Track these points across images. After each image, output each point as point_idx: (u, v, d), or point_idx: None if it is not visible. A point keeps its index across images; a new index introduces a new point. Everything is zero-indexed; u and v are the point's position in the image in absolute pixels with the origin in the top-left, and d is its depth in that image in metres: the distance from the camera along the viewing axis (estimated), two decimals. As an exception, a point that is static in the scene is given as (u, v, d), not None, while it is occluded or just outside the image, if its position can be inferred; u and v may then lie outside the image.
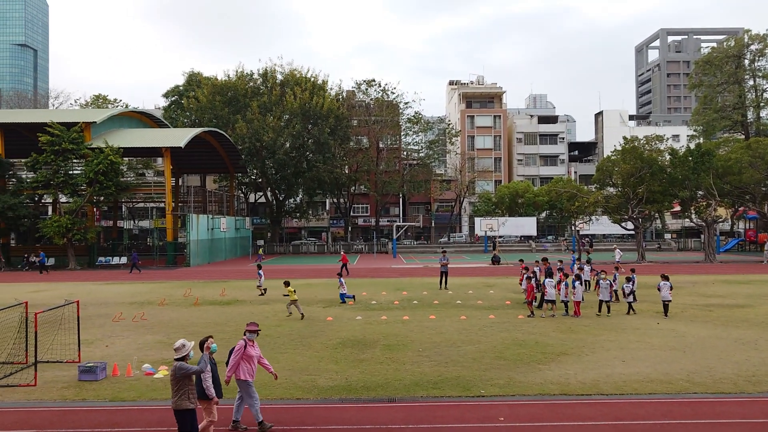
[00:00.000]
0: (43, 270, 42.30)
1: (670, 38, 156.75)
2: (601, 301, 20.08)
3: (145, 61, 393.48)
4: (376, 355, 14.22)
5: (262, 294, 26.32)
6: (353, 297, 23.88)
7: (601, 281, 20.28)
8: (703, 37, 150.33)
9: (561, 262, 28.20)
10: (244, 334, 9.69)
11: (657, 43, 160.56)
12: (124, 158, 50.00)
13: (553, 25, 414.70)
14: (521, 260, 28.08)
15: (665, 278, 19.78)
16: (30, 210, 48.80)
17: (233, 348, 9.54)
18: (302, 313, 19.92)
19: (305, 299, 24.67)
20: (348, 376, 12.33)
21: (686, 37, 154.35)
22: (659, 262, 46.05)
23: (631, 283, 20.60)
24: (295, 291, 20.26)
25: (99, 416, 10.06)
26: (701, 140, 61.29)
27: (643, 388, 11.26)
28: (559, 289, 20.35)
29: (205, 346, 8.58)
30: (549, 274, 21.66)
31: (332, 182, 67.66)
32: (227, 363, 9.46)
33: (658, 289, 19.76)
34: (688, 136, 70.82)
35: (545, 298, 20.13)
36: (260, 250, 57.91)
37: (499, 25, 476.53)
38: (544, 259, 23.86)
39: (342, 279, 24.63)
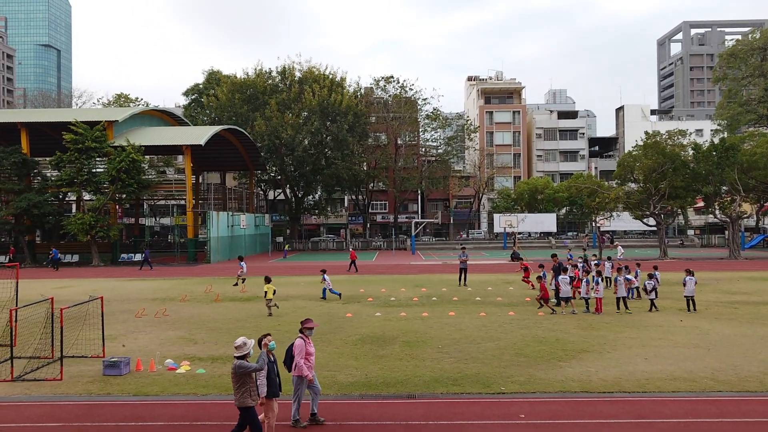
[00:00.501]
0: (57, 267, 42.82)
1: (693, 31, 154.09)
2: (618, 298, 19.87)
3: (165, 61, 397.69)
4: (396, 351, 14.23)
5: (235, 285, 26.62)
6: (339, 294, 23.89)
7: (618, 278, 20.05)
8: (727, 30, 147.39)
9: (569, 259, 27.80)
10: (302, 332, 9.58)
11: (679, 36, 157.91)
12: (146, 156, 50.62)
13: (573, 19, 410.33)
14: (521, 259, 27.76)
15: (690, 273, 19.58)
16: (54, 208, 49.65)
17: (290, 346, 9.46)
18: (270, 311, 19.98)
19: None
20: (368, 372, 12.37)
21: (710, 29, 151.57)
22: (682, 259, 45.40)
23: (653, 279, 20.35)
24: (275, 291, 20.28)
25: (123, 410, 10.22)
26: (725, 135, 60.13)
27: (666, 386, 11.12)
28: (578, 286, 20.17)
29: (263, 343, 8.64)
30: (558, 270, 21.32)
31: (351, 179, 67.76)
32: (284, 362, 9.44)
33: (684, 284, 19.54)
34: (711, 130, 69.50)
35: (561, 295, 19.92)
36: (287, 246, 58.55)
37: (518, 20, 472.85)
38: (553, 256, 23.46)
39: (326, 275, 24.33)
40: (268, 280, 20.38)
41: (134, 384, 11.70)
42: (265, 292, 20.09)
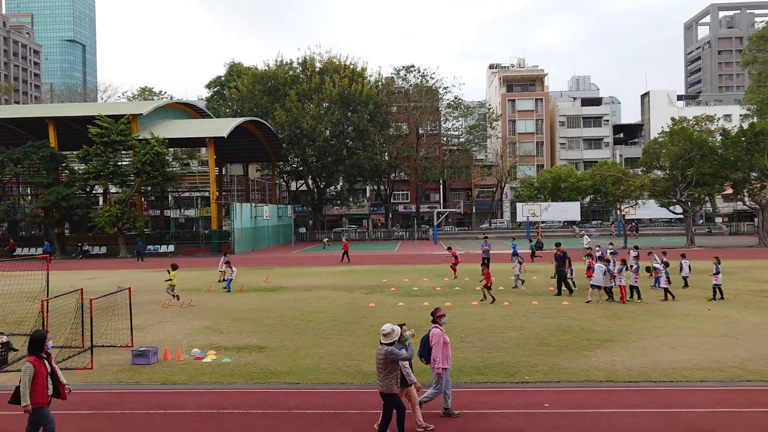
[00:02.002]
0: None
1: (722, 14, 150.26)
2: (632, 287, 19.59)
3: (188, 54, 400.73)
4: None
5: (220, 281, 26.84)
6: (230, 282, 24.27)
7: (622, 268, 19.70)
8: (756, 12, 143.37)
9: (595, 248, 27.34)
10: (436, 321, 9.43)
11: (707, 19, 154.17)
12: (170, 148, 51.22)
13: (597, 4, 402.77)
14: (516, 255, 27.31)
15: (683, 257, 19.85)
16: (82, 200, 50.59)
17: (425, 336, 9.36)
18: (176, 296, 20.50)
19: (348, 285, 24.95)
20: (391, 361, 12.40)
21: (738, 11, 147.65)
22: (709, 247, 44.60)
23: (679, 268, 20.08)
24: (173, 277, 20.64)
25: (152, 398, 10.43)
26: (755, 119, 58.71)
27: (693, 375, 10.97)
28: (589, 275, 19.91)
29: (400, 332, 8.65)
30: (561, 259, 20.94)
31: (372, 169, 67.79)
32: (419, 353, 9.41)
33: (680, 268, 19.69)
34: (740, 115, 67.95)
35: (593, 283, 19.62)
36: (325, 239, 59.10)
37: (542, 6, 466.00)
38: (557, 244, 22.98)
39: (230, 265, 24.81)
40: (174, 268, 20.87)
41: (162, 373, 11.92)
42: (170, 279, 20.58)
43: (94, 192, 59.32)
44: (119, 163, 47.06)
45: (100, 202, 60.84)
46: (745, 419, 8.78)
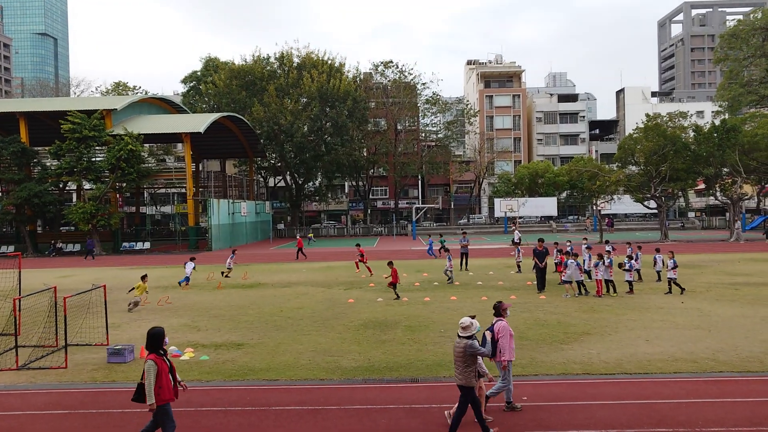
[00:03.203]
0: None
1: (694, 11, 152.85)
2: (607, 281, 19.83)
3: (163, 48, 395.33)
4: (398, 336, 14.30)
5: (227, 276, 26.91)
6: (187, 280, 24.35)
7: (599, 262, 19.97)
8: (728, 10, 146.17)
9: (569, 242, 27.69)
10: (500, 314, 9.40)
11: (680, 17, 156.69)
12: (145, 144, 50.48)
13: (572, 1, 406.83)
14: (517, 243, 27.73)
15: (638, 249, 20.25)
16: (55, 197, 49.65)
17: (490, 329, 9.27)
18: (132, 303, 18.82)
19: (327, 281, 24.90)
20: (370, 357, 12.43)
21: (711, 10, 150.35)
22: (683, 241, 45.44)
23: (653, 262, 20.42)
24: (138, 287, 19.00)
25: (128, 397, 10.23)
26: (727, 116, 59.81)
27: (667, 367, 11.18)
28: (560, 270, 20.14)
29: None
30: (540, 255, 21.05)
31: (351, 165, 67.64)
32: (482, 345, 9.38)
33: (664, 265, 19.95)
34: (713, 112, 69.33)
35: (564, 279, 19.91)
36: (310, 233, 59.20)
37: (518, 2, 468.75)
38: (540, 240, 23.21)
39: (191, 263, 24.75)
40: (144, 279, 19.34)
41: (138, 371, 11.73)
42: (135, 288, 19.02)
43: (67, 188, 58.25)
44: (93, 159, 46.24)
45: (74, 199, 59.78)
46: (717, 409, 8.97)
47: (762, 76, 63.05)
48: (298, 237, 41.04)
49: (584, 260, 22.57)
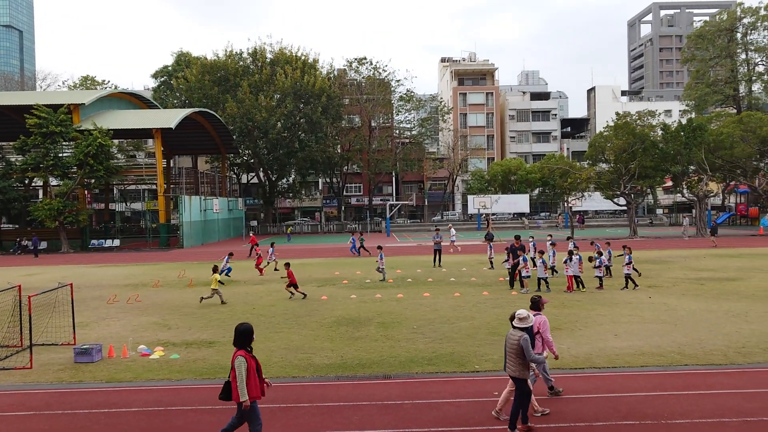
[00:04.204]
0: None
1: (663, 12, 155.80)
2: (576, 277, 20.12)
3: (133, 42, 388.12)
4: (371, 332, 14.31)
5: (276, 269, 26.72)
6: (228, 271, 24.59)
7: (567, 258, 20.29)
8: (695, 11, 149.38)
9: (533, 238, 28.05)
10: (539, 309, 9.51)
11: (649, 17, 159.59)
12: (114, 140, 49.56)
13: (547, 0, 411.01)
14: (493, 239, 27.94)
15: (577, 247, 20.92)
16: (20, 193, 48.48)
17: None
18: (214, 297, 19.10)
19: (300, 278, 24.71)
20: (343, 354, 12.42)
21: (679, 11, 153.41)
22: (651, 237, 46.35)
23: (602, 257, 20.87)
24: (214, 279, 19.35)
25: (96, 397, 10.10)
26: (693, 115, 61.28)
27: (635, 361, 11.39)
28: (525, 267, 20.38)
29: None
30: (514, 251, 21.16)
31: (325, 162, 67.43)
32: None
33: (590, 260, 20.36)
34: (680, 111, 70.77)
35: (524, 275, 20.16)
36: (288, 229, 59.36)
37: (493, 2, 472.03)
38: (517, 237, 23.45)
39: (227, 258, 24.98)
40: (215, 270, 19.74)
41: (107, 371, 11.56)
42: (213, 281, 19.25)
43: (33, 185, 56.87)
44: (60, 155, 45.22)
45: (41, 195, 58.40)
46: (682, 401, 9.18)
47: (727, 76, 64.71)
48: (251, 234, 40.70)
49: (549, 256, 22.94)
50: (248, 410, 7.33)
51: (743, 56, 64.46)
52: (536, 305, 9.58)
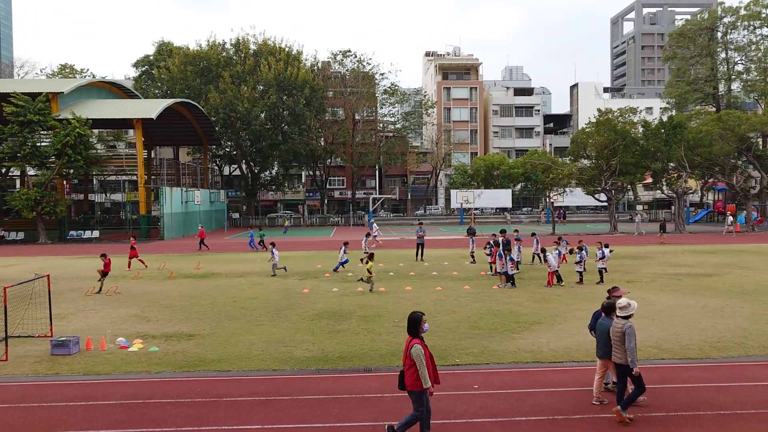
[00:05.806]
0: None
1: (646, 10, 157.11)
2: (555, 272, 20.25)
3: (113, 30, 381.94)
4: (353, 326, 14.31)
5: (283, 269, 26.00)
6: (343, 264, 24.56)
7: (548, 254, 20.45)
8: (677, 10, 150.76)
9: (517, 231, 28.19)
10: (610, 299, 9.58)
11: (632, 15, 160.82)
12: (94, 130, 48.85)
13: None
14: (475, 234, 28.03)
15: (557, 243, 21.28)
16: (-4, 183, 47.57)
17: (597, 312, 9.51)
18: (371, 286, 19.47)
19: (282, 271, 24.64)
20: (324, 347, 12.41)
21: (661, 9, 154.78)
22: (631, 233, 46.87)
23: (583, 252, 21.04)
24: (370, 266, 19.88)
25: (73, 390, 9.98)
26: (674, 113, 61.94)
27: (613, 355, 11.51)
28: (494, 261, 20.43)
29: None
30: (498, 245, 21.25)
31: (308, 154, 67.12)
32: (589, 326, 9.87)
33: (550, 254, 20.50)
34: (661, 108, 71.46)
35: (502, 270, 20.19)
36: (286, 221, 59.16)
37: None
38: (502, 231, 23.54)
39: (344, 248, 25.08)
40: (371, 257, 20.40)
41: (84, 363, 11.42)
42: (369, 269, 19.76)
43: (10, 174, 55.85)
44: (38, 144, 44.44)
45: (17, 185, 57.40)
46: (658, 395, 9.31)
47: (707, 74, 65.49)
48: (200, 227, 39.99)
49: (515, 251, 23.02)
50: (418, 394, 7.33)
51: (723, 55, 65.25)
52: (610, 296, 9.83)
